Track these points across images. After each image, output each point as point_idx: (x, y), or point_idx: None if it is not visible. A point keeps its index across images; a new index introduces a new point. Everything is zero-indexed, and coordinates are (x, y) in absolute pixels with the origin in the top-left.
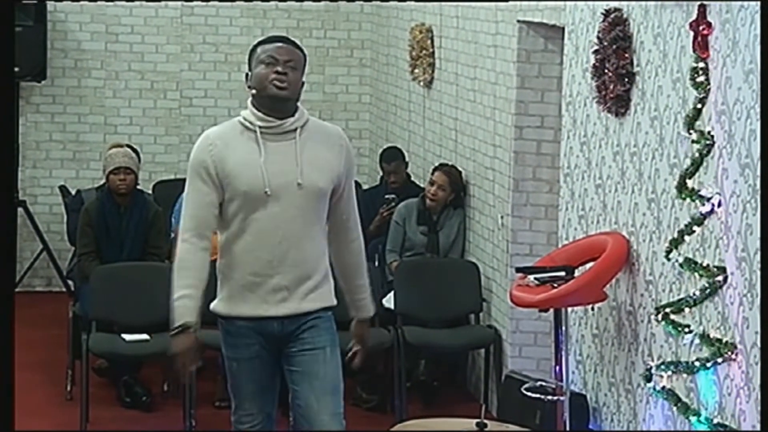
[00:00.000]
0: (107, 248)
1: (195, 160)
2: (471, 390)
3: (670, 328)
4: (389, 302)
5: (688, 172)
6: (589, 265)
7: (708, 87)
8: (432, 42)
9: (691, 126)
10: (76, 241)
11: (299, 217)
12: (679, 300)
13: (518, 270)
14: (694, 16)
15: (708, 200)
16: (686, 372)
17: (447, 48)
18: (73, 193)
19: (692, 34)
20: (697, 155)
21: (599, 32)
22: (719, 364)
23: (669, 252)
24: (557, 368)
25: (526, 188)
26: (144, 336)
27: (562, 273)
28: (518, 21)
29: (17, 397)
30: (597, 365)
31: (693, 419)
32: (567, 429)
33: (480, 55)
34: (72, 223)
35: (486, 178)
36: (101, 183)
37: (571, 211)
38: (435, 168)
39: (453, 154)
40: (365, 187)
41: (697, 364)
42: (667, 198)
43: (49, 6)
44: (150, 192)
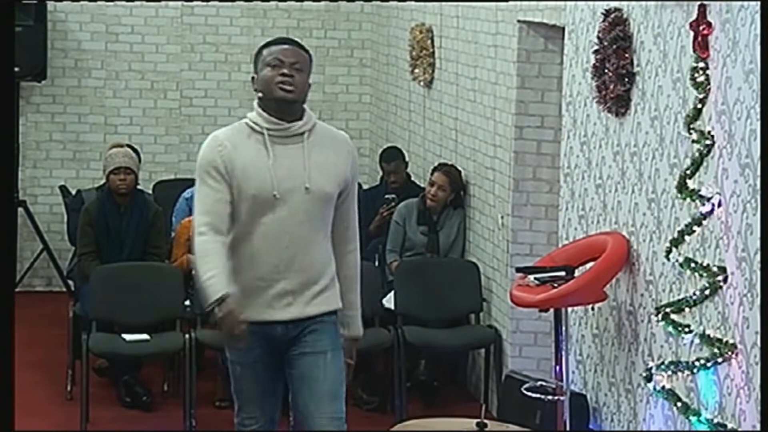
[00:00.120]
0: (107, 248)
1: (204, 160)
2: (471, 390)
3: (671, 328)
4: (389, 302)
5: (688, 172)
6: (589, 265)
7: (708, 87)
8: (432, 42)
9: (691, 126)
10: (77, 241)
11: (306, 222)
12: (680, 300)
13: (518, 270)
14: (694, 16)
15: (708, 200)
16: (686, 372)
17: (447, 48)
18: (74, 193)
19: (692, 34)
20: (698, 155)
21: (599, 32)
22: (719, 364)
23: (669, 252)
24: (557, 368)
25: (527, 188)
26: (144, 336)
27: (562, 273)
28: (518, 21)
29: (17, 397)
30: (597, 365)
31: (693, 419)
32: (567, 429)
33: (480, 55)
34: (72, 223)
35: (486, 178)
36: (101, 183)
37: (572, 211)
38: (434, 168)
39: (453, 154)
40: (365, 187)
41: (698, 364)
42: (668, 198)
43: (50, 6)
44: (150, 192)
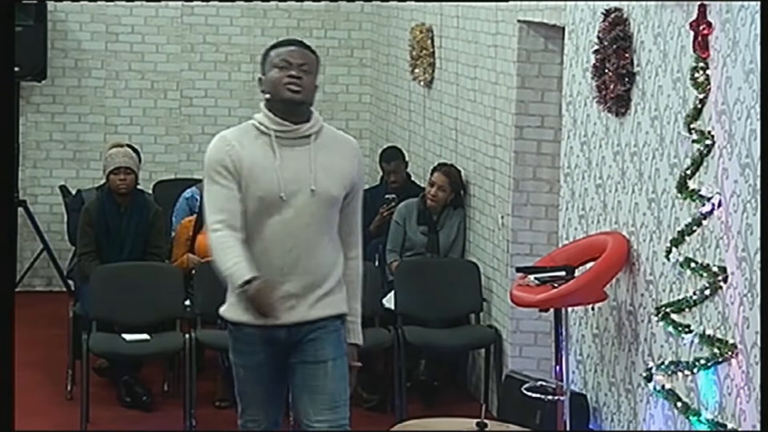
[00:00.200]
0: (107, 248)
1: (213, 160)
2: (471, 390)
3: (671, 328)
4: (389, 302)
5: (689, 172)
6: (590, 265)
7: (708, 87)
8: (432, 42)
9: (692, 126)
10: (77, 241)
11: (311, 225)
12: (680, 300)
13: (518, 270)
14: (695, 16)
15: (708, 200)
16: (686, 372)
17: (447, 48)
18: (74, 193)
19: (692, 34)
20: (698, 155)
21: (599, 32)
22: (719, 364)
23: (669, 252)
24: (557, 368)
25: (527, 188)
26: (144, 336)
27: (563, 273)
28: (518, 21)
29: (17, 397)
30: (597, 365)
31: (693, 419)
32: (567, 429)
33: (480, 55)
34: (72, 223)
35: (486, 178)
36: (101, 183)
37: (572, 211)
38: (434, 168)
39: (453, 154)
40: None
41: (698, 364)
42: (668, 198)
43: (50, 6)
44: (150, 192)
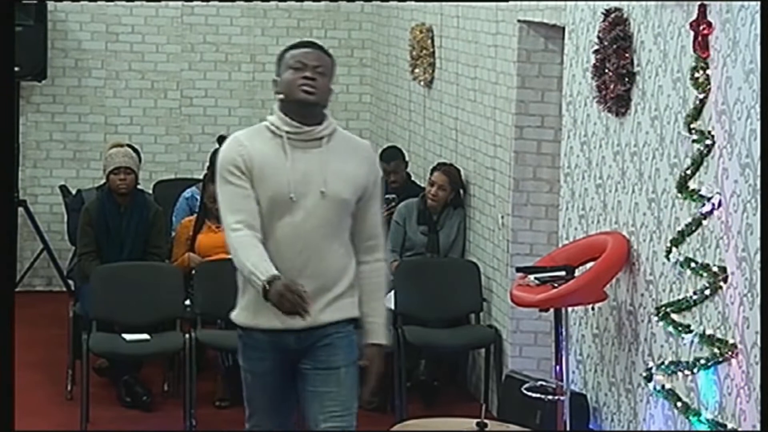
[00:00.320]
0: (108, 248)
1: (225, 160)
2: (471, 390)
3: (671, 328)
4: (389, 302)
5: (689, 172)
6: (590, 265)
7: (708, 87)
8: (432, 42)
9: (692, 126)
10: (77, 241)
11: (321, 228)
12: (680, 300)
13: (518, 270)
14: (695, 16)
15: (708, 200)
16: (687, 372)
17: (447, 48)
18: (74, 193)
19: (692, 34)
20: (698, 155)
21: (599, 32)
22: (719, 364)
23: (669, 252)
24: (557, 368)
25: (527, 188)
26: (144, 336)
27: (563, 273)
28: (519, 21)
29: (17, 397)
30: (597, 365)
31: (693, 419)
32: (567, 429)
33: (480, 55)
34: (72, 223)
35: (486, 178)
36: (102, 183)
37: (572, 211)
38: (434, 168)
39: (453, 154)
40: None
41: (698, 364)
42: (668, 198)
43: (50, 5)
44: (150, 192)
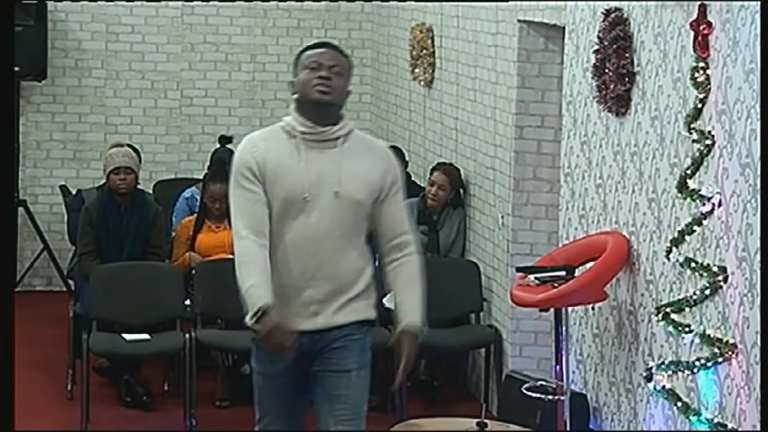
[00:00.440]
0: (108, 248)
1: (239, 162)
2: (471, 390)
3: (671, 328)
4: (389, 302)
5: (689, 172)
6: (590, 265)
7: (708, 87)
8: (432, 42)
9: (692, 126)
10: (77, 241)
11: (335, 229)
12: (680, 300)
13: (519, 270)
14: (695, 16)
15: (708, 200)
16: (687, 372)
17: (447, 48)
18: (74, 193)
19: (693, 34)
20: (698, 155)
21: (600, 32)
22: (719, 364)
23: (669, 251)
24: (558, 368)
25: (527, 188)
26: (144, 335)
27: (563, 273)
28: (519, 21)
29: (17, 397)
30: (597, 365)
31: (693, 419)
32: (567, 429)
33: (480, 55)
34: (72, 223)
35: (486, 178)
36: (102, 182)
37: (572, 211)
38: (434, 167)
39: (453, 154)
40: None
41: (698, 364)
42: (668, 197)
43: (50, 5)
44: (150, 191)
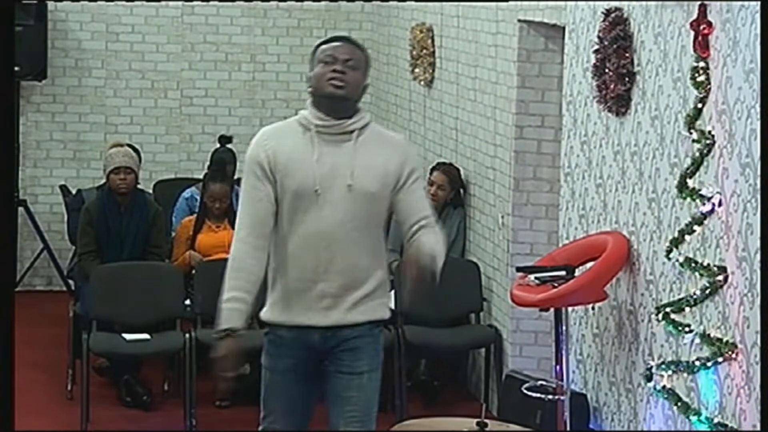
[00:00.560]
0: (108, 248)
1: (250, 157)
2: (471, 389)
3: (671, 328)
4: (390, 302)
5: (689, 172)
6: (590, 265)
7: (708, 86)
8: (432, 41)
9: (692, 125)
10: (77, 241)
11: (348, 222)
12: (680, 299)
13: (519, 269)
14: (695, 16)
15: (708, 200)
16: (687, 371)
17: (447, 47)
18: (74, 193)
19: (693, 34)
20: (698, 155)
21: (600, 32)
22: (720, 364)
23: (669, 251)
24: (558, 368)
25: (527, 188)
26: (144, 335)
27: (563, 272)
28: (519, 20)
29: (17, 397)
30: (597, 365)
31: (693, 419)
32: (567, 429)
33: (481, 55)
34: (72, 223)
35: (487, 178)
36: (102, 182)
37: (572, 211)
38: (433, 167)
39: (453, 154)
40: None
41: (698, 364)
42: (668, 197)
43: (50, 5)
44: (150, 191)
